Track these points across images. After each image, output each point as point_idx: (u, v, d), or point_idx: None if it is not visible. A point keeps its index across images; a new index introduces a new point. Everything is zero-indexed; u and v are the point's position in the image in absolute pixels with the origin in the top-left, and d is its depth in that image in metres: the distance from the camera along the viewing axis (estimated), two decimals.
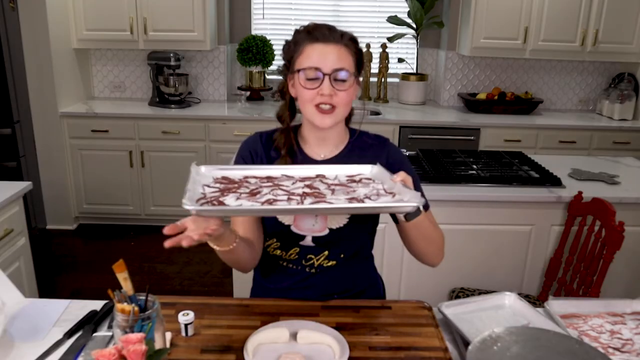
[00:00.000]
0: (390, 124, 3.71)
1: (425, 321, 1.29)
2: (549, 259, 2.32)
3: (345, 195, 1.09)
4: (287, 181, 1.17)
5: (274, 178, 1.19)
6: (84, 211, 3.85)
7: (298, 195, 1.08)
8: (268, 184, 1.15)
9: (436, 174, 2.42)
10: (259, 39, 3.98)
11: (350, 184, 1.16)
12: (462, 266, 2.38)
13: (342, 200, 1.06)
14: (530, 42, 3.79)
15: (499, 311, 1.34)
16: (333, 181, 1.18)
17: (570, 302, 1.36)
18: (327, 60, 1.22)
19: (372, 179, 1.20)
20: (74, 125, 3.65)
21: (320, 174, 1.21)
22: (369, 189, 1.13)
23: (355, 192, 1.11)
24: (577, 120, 3.94)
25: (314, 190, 1.11)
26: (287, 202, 1.04)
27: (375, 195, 1.09)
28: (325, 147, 1.34)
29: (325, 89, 1.22)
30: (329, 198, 1.07)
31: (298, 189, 1.12)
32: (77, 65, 3.89)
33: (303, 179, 1.18)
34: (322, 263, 1.34)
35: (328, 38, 1.23)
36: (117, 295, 0.98)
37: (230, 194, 1.07)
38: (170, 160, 3.71)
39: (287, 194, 1.09)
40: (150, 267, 3.34)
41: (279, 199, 1.05)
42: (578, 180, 2.47)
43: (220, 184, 1.13)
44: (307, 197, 1.07)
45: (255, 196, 1.06)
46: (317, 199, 1.06)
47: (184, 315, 1.19)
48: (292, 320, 1.23)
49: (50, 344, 1.17)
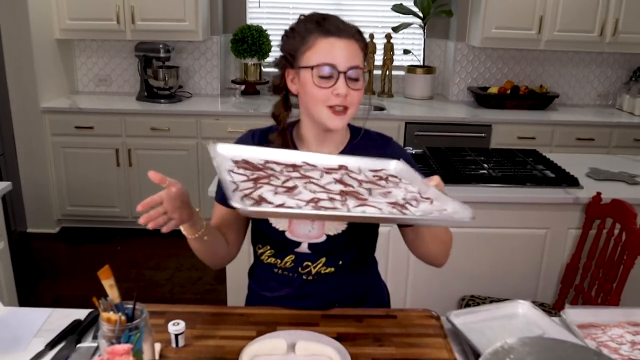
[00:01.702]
0: (395, 120, 3.71)
1: (432, 331, 1.29)
2: (565, 265, 2.32)
3: (383, 197, 1.09)
4: (312, 172, 1.17)
5: (298, 167, 1.18)
6: (67, 213, 3.85)
7: (337, 194, 1.07)
8: (295, 174, 1.14)
9: (445, 173, 2.41)
10: (255, 28, 3.98)
11: (379, 181, 1.16)
12: (473, 272, 2.38)
13: (383, 203, 1.06)
14: (545, 32, 3.79)
15: (512, 320, 1.34)
16: (359, 176, 1.18)
17: (588, 310, 1.36)
18: (342, 56, 1.20)
19: (398, 177, 1.20)
20: (56, 122, 3.65)
21: (342, 165, 1.21)
22: (401, 190, 1.13)
23: (390, 193, 1.11)
24: (595, 116, 3.94)
25: (350, 189, 1.10)
26: (329, 202, 1.03)
27: (414, 200, 1.09)
28: (326, 146, 1.34)
29: (341, 88, 1.20)
30: (370, 201, 1.06)
31: (330, 184, 1.12)
32: (59, 57, 3.89)
33: (328, 170, 1.18)
34: (320, 270, 1.34)
35: (342, 32, 1.21)
36: (103, 303, 0.98)
37: (265, 186, 1.06)
38: (159, 159, 3.71)
39: (324, 190, 1.08)
40: (138, 273, 3.34)
41: (321, 198, 1.04)
42: (596, 181, 2.47)
43: (245, 170, 1.12)
44: (348, 197, 1.06)
45: (293, 192, 1.05)
46: (359, 202, 1.05)
47: (174, 325, 1.19)
48: (290, 330, 1.23)
49: (31, 356, 1.17)
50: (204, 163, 3.70)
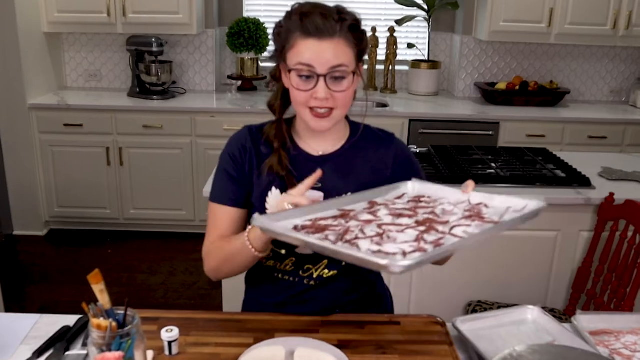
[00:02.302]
0: (399, 117, 3.71)
1: (438, 338, 1.29)
2: (576, 269, 2.32)
3: (451, 216, 1.06)
4: (362, 214, 1.10)
5: (347, 213, 1.10)
6: (55, 215, 3.85)
7: (419, 224, 1.03)
8: (353, 222, 1.07)
9: (450, 173, 2.42)
10: (252, 22, 3.98)
11: (418, 207, 1.12)
12: (480, 277, 2.38)
13: (461, 220, 1.03)
14: (555, 26, 3.79)
15: (521, 327, 1.34)
16: (396, 206, 1.13)
17: (600, 316, 1.36)
18: (322, 58, 1.19)
19: (430, 197, 1.17)
20: (44, 119, 3.65)
21: (371, 201, 1.16)
22: (451, 206, 1.11)
23: (451, 211, 1.08)
24: (608, 113, 3.94)
25: (429, 217, 1.06)
26: (426, 234, 0.98)
27: (474, 209, 1.08)
28: (323, 143, 1.34)
29: (320, 92, 1.20)
30: (452, 222, 1.03)
31: (390, 217, 1.07)
32: (47, 51, 3.88)
33: (369, 211, 1.12)
34: (322, 274, 1.34)
35: (322, 32, 1.19)
36: (93, 309, 0.98)
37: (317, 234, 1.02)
38: (152, 158, 3.71)
39: (400, 226, 1.03)
40: (130, 277, 3.34)
41: (407, 228, 1.01)
42: (609, 181, 2.47)
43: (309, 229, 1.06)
44: (428, 225, 1.02)
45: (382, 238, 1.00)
46: (447, 226, 1.01)
47: (167, 332, 1.19)
48: (288, 337, 1.23)
49: None
50: (199, 162, 3.70)
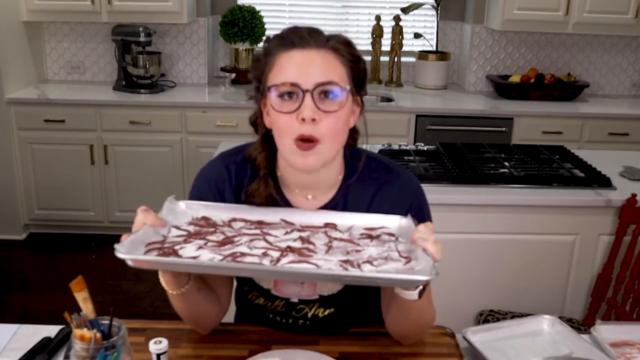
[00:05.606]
0: (405, 112, 3.71)
1: (447, 350, 1.29)
2: (596, 275, 2.32)
3: (343, 255, 1.04)
4: (280, 229, 1.12)
5: (266, 224, 1.13)
6: (35, 218, 3.85)
7: (279, 251, 1.03)
8: (255, 230, 1.11)
9: (460, 172, 2.42)
10: (247, 9, 3.98)
11: (362, 239, 1.11)
12: (492, 284, 2.38)
13: (334, 262, 1.01)
14: (573, 14, 3.79)
15: (536, 338, 1.34)
16: (342, 235, 1.12)
17: (621, 327, 1.36)
18: (307, 70, 1.08)
19: (396, 235, 1.13)
20: (23, 114, 3.64)
21: (330, 223, 1.16)
22: (382, 249, 1.08)
23: (359, 252, 1.06)
24: (630, 108, 3.95)
25: (305, 246, 1.06)
26: (258, 259, 1.00)
27: (382, 259, 1.04)
28: (311, 191, 1.24)
29: (306, 110, 1.07)
30: (315, 258, 1.01)
31: (287, 241, 1.08)
32: (26, 42, 3.88)
33: (304, 228, 1.13)
34: (317, 313, 1.30)
35: (307, 41, 1.10)
36: (76, 319, 0.98)
37: (196, 241, 1.05)
38: (139, 156, 3.71)
39: (266, 247, 1.05)
40: (116, 285, 3.34)
41: (250, 254, 1.01)
42: (631, 181, 2.47)
43: (194, 227, 1.11)
44: (288, 254, 1.02)
45: (223, 247, 1.04)
46: (299, 259, 1.00)
47: (156, 344, 1.19)
48: (286, 350, 1.23)
49: None
50: (189, 161, 3.70)
